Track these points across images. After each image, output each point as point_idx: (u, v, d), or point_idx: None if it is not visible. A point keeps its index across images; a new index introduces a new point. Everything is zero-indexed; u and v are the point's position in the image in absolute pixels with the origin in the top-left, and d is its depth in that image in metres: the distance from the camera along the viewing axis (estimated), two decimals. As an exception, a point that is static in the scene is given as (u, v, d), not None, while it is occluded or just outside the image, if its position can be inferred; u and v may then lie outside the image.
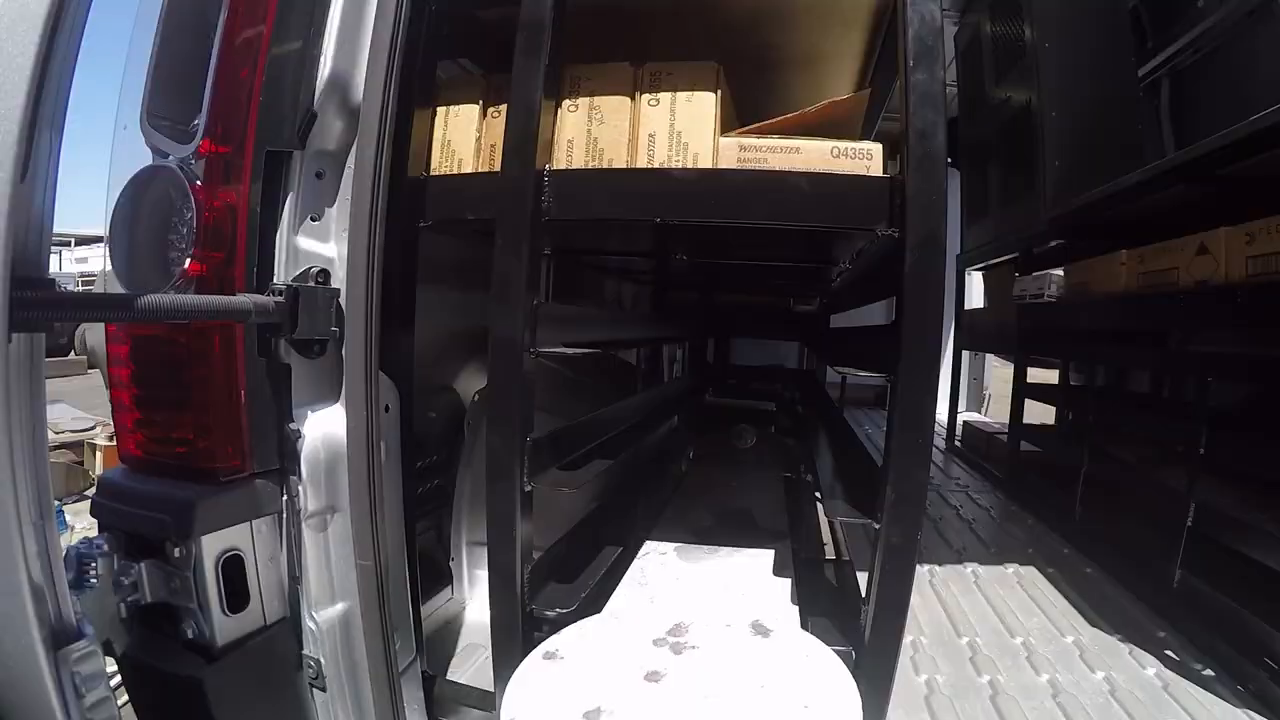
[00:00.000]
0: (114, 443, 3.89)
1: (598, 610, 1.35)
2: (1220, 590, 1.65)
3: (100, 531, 0.81)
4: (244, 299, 0.87)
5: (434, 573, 1.78)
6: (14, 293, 0.54)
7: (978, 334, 3.93)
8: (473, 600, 1.87)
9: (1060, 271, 2.69)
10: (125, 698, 0.93)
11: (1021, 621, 1.83)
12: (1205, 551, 1.75)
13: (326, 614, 1.06)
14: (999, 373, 5.44)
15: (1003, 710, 1.44)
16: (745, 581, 1.47)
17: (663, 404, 2.56)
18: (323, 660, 1.05)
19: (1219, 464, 1.76)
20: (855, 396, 5.21)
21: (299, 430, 1.01)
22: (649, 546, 1.65)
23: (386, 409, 1.14)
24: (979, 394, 5.57)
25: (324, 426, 1.04)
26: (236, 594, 0.92)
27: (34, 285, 0.57)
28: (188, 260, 0.88)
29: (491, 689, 1.34)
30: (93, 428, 4.21)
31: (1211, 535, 1.73)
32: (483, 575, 1.85)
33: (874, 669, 1.16)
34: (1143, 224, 2.24)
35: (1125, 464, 2.28)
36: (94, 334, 3.54)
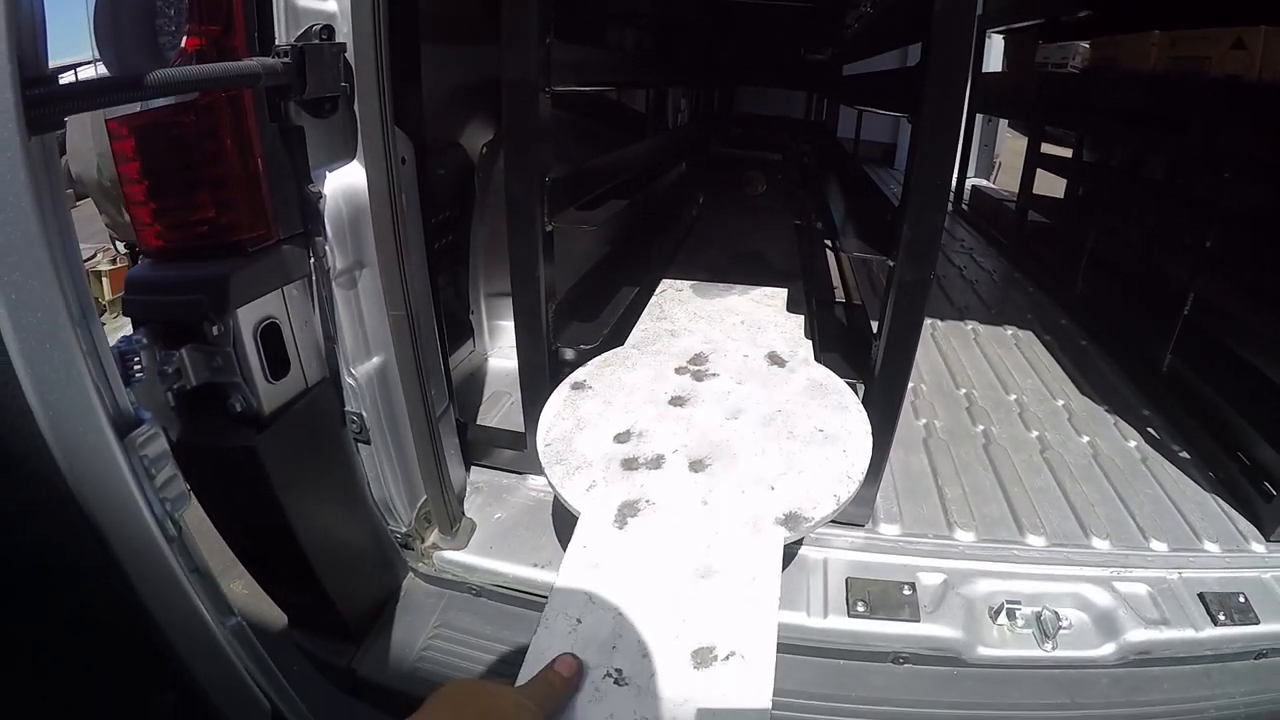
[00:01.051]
0: (118, 265, 3.75)
1: (620, 345, 1.41)
2: (1207, 382, 1.71)
3: (136, 328, 0.79)
4: (252, 62, 0.80)
5: (455, 327, 1.81)
6: (26, 91, 0.52)
7: (994, 98, 3.71)
8: (494, 352, 1.93)
9: (1086, 44, 2.53)
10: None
11: (1017, 381, 1.94)
12: (1197, 343, 1.79)
13: (364, 369, 1.08)
14: (1010, 144, 5.24)
15: (994, 458, 1.56)
16: (760, 317, 1.52)
17: (674, 149, 2.46)
18: (364, 414, 1.10)
19: (1223, 261, 1.74)
20: (863, 154, 5.01)
21: (319, 191, 0.96)
22: (665, 284, 1.69)
23: (404, 161, 1.09)
24: (989, 161, 5.38)
25: (344, 184, 0.99)
26: (276, 361, 0.93)
27: (40, 84, 0.54)
28: (183, 38, 0.80)
29: (521, 430, 1.43)
30: (94, 256, 4.15)
31: (1206, 328, 1.76)
32: (502, 326, 1.89)
33: (883, 402, 1.22)
34: (1179, 7, 2.05)
35: (1131, 246, 2.26)
36: (78, 163, 3.27)
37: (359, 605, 1.18)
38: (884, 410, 1.21)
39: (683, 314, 1.53)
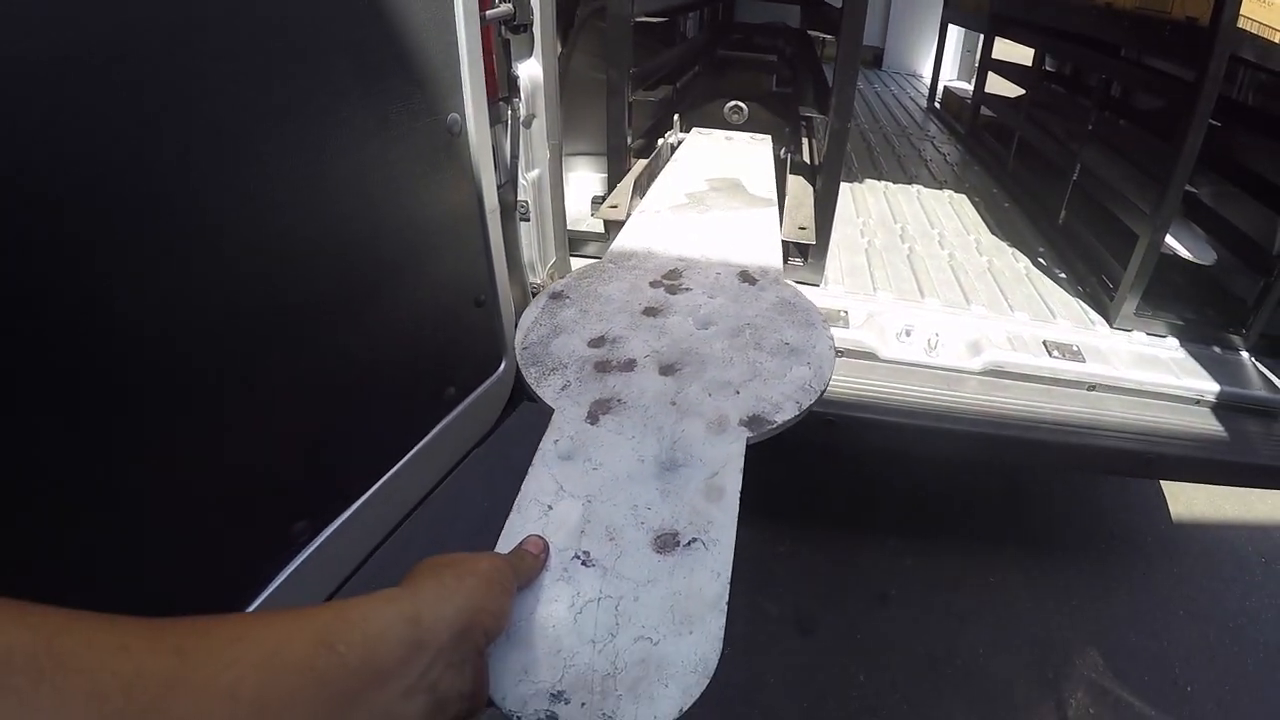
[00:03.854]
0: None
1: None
2: (1086, 227, 2.35)
3: None
4: (507, 6, 1.47)
5: None
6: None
7: (961, 9, 4.32)
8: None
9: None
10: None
11: (942, 222, 2.68)
12: (1082, 200, 2.45)
13: (531, 175, 1.81)
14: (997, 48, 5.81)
15: (914, 264, 2.32)
16: (734, 239, 1.57)
17: (693, 53, 3.14)
18: (529, 202, 1.85)
19: (1101, 138, 2.43)
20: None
21: (517, 74, 1.67)
22: (644, 205, 1.79)
23: (558, 59, 1.81)
24: (970, 66, 5.96)
25: (529, 71, 1.68)
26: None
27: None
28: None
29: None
30: None
31: (1087, 190, 2.42)
32: (573, 177, 2.62)
33: (820, 210, 1.98)
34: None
35: (1049, 133, 2.95)
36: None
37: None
38: (820, 238, 1.97)
39: (660, 233, 1.58)
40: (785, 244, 1.85)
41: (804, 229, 1.89)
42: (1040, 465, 2.73)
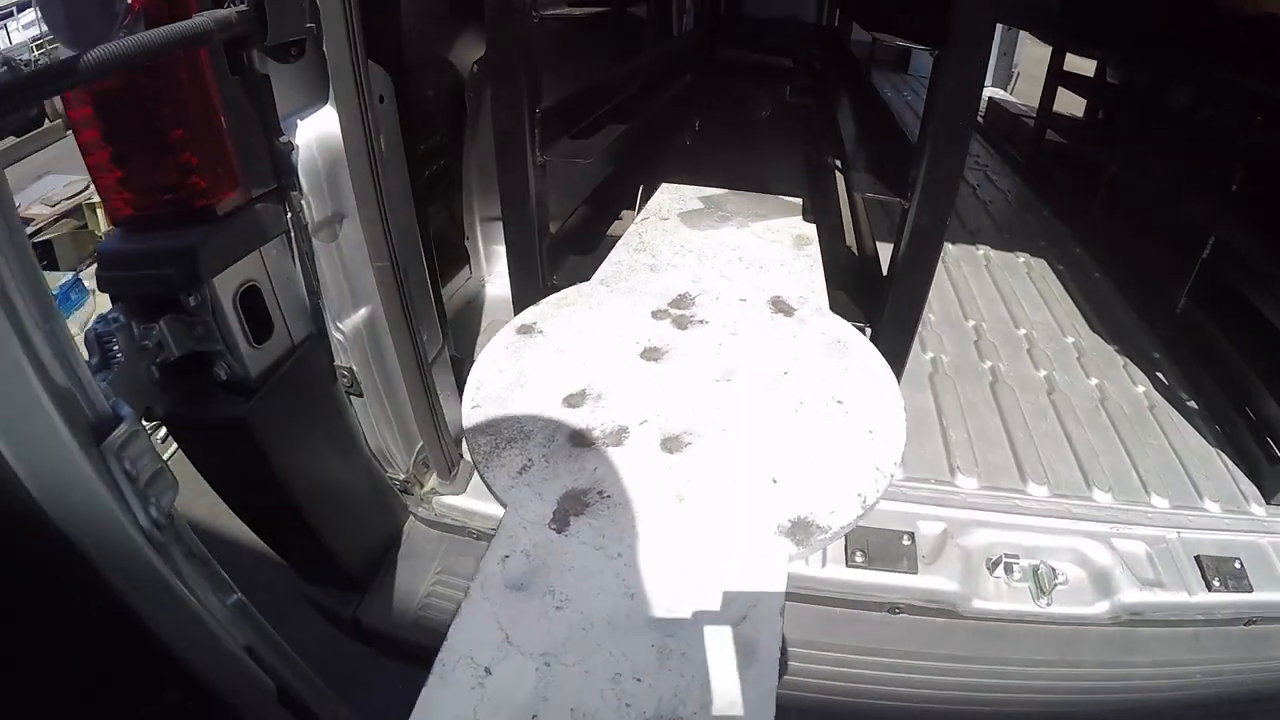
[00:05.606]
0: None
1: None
2: (1221, 330, 1.65)
3: (113, 303, 0.74)
4: (202, 19, 0.70)
5: (450, 254, 1.74)
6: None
7: (1015, 6, 3.44)
8: (491, 277, 1.87)
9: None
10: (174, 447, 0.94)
11: (1027, 314, 1.91)
12: (1214, 288, 1.71)
13: (350, 322, 1.03)
14: (1030, 50, 4.97)
15: (1000, 398, 1.54)
16: (762, 254, 1.24)
17: (678, 58, 2.30)
18: (355, 367, 1.06)
19: (1250, 207, 1.64)
20: (878, 58, 4.71)
21: (291, 142, 0.88)
22: (648, 211, 1.40)
23: (381, 99, 1.01)
24: (1007, 71, 5.12)
25: (317, 131, 0.91)
26: (259, 324, 0.88)
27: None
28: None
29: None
30: (86, 188, 4.05)
31: (1224, 274, 1.67)
32: (500, 251, 1.81)
33: (890, 348, 1.11)
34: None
35: (1152, 178, 2.15)
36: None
37: (361, 554, 1.18)
38: (892, 357, 1.16)
39: (666, 246, 1.24)
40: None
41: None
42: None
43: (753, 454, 0.77)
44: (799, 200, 1.45)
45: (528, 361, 0.90)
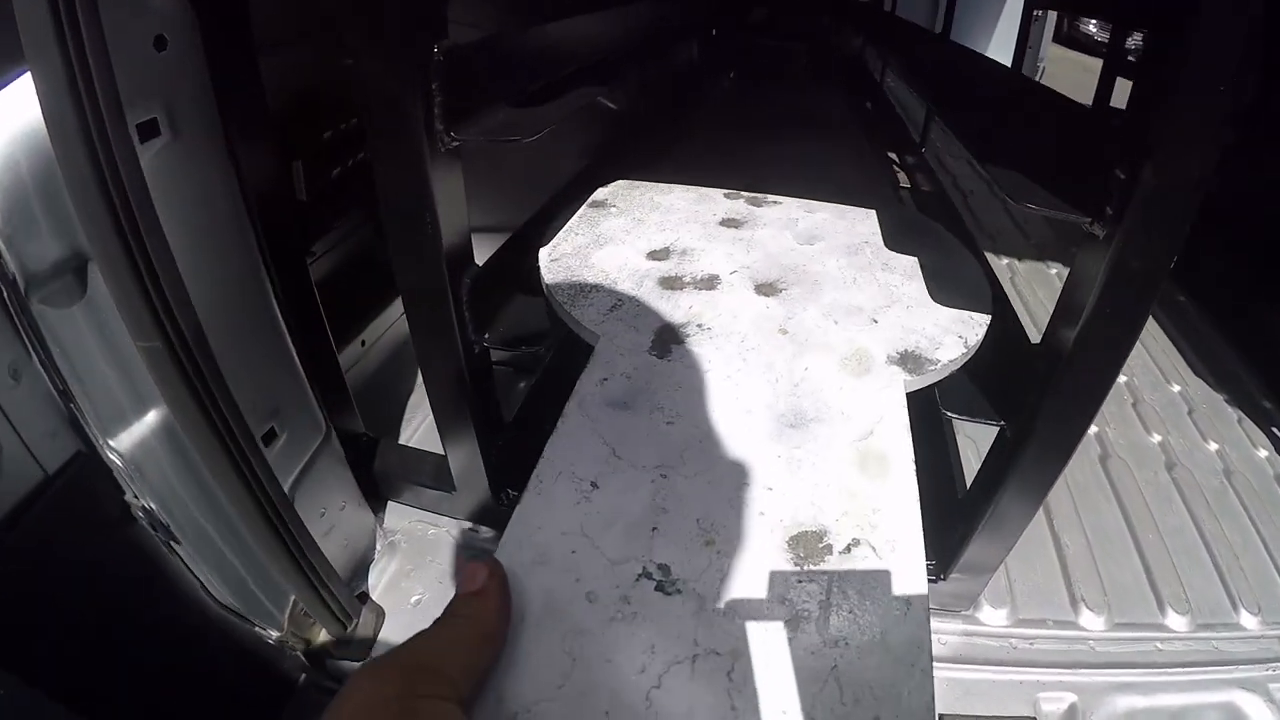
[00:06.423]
0: None
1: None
2: None
3: None
4: None
5: (365, 280, 1.24)
6: None
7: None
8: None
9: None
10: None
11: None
12: None
13: (134, 433, 0.62)
14: (1051, 52, 4.77)
15: (1115, 479, 1.15)
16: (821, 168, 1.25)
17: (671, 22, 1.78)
18: (152, 505, 0.65)
19: None
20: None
21: None
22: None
23: (161, 42, 0.57)
24: (1033, 64, 4.73)
25: (17, 124, 0.51)
26: None
27: None
28: None
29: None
30: None
31: None
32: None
33: (1037, 467, 0.71)
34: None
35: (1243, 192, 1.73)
36: None
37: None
38: (1037, 478, 0.70)
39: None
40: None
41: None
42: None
43: (849, 300, 0.76)
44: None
45: (604, 228, 0.89)
